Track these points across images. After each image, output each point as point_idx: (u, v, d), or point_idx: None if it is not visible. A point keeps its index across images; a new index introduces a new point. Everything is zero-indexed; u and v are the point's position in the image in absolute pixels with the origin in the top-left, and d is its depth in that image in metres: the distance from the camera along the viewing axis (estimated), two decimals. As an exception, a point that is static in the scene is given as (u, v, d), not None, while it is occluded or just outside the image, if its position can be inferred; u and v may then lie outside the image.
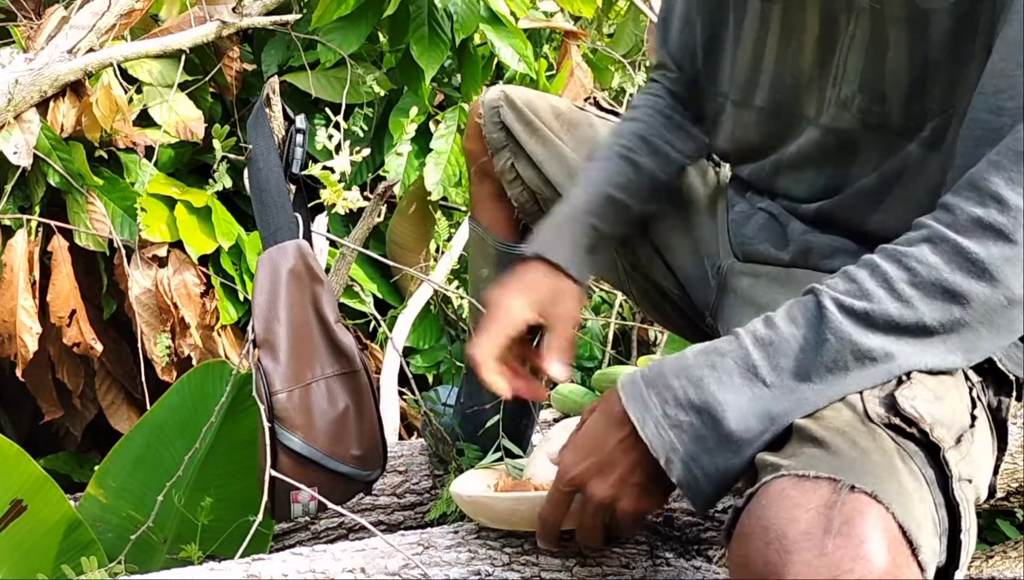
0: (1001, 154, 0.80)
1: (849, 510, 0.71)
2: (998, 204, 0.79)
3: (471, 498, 1.06)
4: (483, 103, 1.37)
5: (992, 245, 0.79)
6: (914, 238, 0.82)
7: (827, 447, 0.77)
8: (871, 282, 0.81)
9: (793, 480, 0.74)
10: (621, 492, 0.87)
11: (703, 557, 1.14)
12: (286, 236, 1.27)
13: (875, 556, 0.70)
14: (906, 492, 0.75)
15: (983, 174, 0.81)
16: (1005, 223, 0.79)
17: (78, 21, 1.89)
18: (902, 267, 0.81)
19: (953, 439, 0.83)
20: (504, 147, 1.36)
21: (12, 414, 2.20)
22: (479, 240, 1.44)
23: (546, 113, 1.37)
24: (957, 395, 0.87)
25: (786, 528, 0.72)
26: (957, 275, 0.79)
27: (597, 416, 0.90)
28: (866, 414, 0.80)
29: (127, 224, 1.91)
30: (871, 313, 0.80)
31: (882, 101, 0.97)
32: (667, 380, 0.84)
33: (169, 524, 1.31)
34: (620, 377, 0.88)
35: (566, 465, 0.89)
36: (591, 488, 0.88)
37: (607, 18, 2.78)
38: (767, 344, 0.82)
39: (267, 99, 1.29)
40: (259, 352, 1.22)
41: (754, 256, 1.14)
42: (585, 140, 1.35)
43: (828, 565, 0.69)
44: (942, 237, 0.80)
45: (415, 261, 2.18)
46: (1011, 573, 1.44)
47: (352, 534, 1.47)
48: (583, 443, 0.89)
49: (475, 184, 1.43)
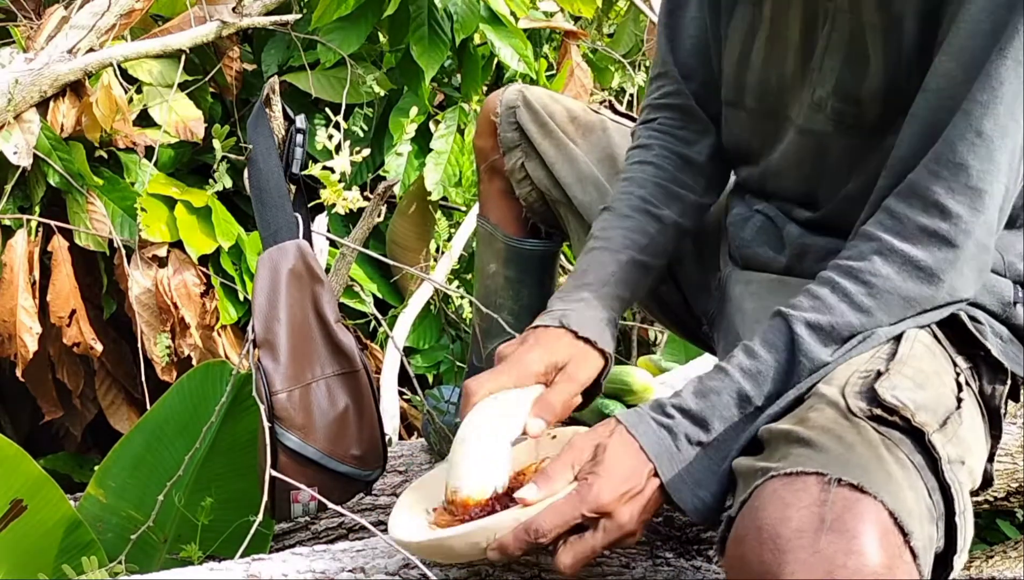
0: (941, 165, 0.88)
1: (840, 505, 0.72)
2: (940, 213, 0.88)
3: (420, 543, 0.92)
4: (501, 102, 1.37)
5: (937, 251, 0.88)
6: (865, 251, 0.91)
7: (813, 445, 0.78)
8: (832, 298, 0.90)
9: (783, 480, 0.76)
10: (640, 526, 0.89)
11: (703, 557, 1.14)
12: (286, 236, 1.27)
13: (867, 549, 0.71)
14: (895, 480, 0.76)
15: (926, 184, 0.89)
16: (948, 230, 0.88)
17: (78, 21, 1.89)
18: (859, 282, 0.90)
19: (938, 422, 0.84)
20: (516, 147, 1.36)
21: (12, 414, 2.20)
22: (487, 236, 1.45)
23: (561, 116, 1.37)
24: (939, 380, 0.89)
25: (779, 528, 0.72)
26: (909, 283, 0.89)
27: (616, 449, 0.89)
28: (848, 410, 0.82)
29: (127, 224, 1.91)
30: (835, 326, 0.89)
31: (856, 102, 0.98)
32: (675, 424, 0.89)
33: (169, 524, 1.31)
34: (620, 413, 0.92)
35: (599, 491, 0.87)
36: (619, 517, 0.87)
37: (607, 18, 2.78)
38: (755, 374, 0.90)
39: (267, 99, 1.29)
40: (259, 352, 1.22)
41: (751, 260, 1.14)
42: (598, 145, 1.35)
43: (822, 562, 0.70)
44: (891, 248, 0.89)
45: (415, 261, 2.18)
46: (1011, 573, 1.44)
47: (352, 534, 1.47)
48: (616, 473, 0.88)
49: (484, 181, 1.44)
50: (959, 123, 0.87)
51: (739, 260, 1.17)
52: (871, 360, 0.88)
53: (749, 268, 1.15)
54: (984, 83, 0.86)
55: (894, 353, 0.89)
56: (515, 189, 1.39)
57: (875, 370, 0.86)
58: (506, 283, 1.44)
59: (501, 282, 1.44)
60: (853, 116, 0.98)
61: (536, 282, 1.44)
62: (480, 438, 0.96)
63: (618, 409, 1.42)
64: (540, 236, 1.43)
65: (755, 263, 1.14)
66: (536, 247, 1.43)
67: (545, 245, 1.44)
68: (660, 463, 0.88)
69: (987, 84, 0.86)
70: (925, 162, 0.89)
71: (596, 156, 1.34)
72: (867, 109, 0.97)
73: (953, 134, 0.88)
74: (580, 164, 1.33)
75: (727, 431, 0.89)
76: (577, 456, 0.90)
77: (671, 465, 0.88)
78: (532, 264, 1.44)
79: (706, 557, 1.14)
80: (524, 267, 1.43)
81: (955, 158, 0.87)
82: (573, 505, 0.87)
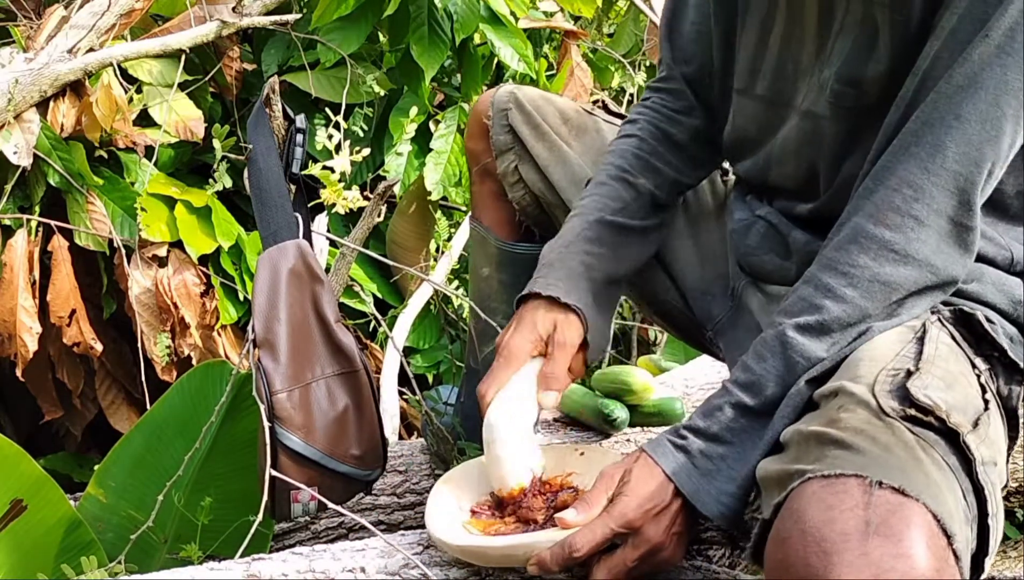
0: (919, 145, 0.89)
1: (883, 509, 0.72)
2: (913, 192, 0.89)
3: (464, 547, 0.99)
4: (493, 104, 1.37)
5: (910, 232, 0.89)
6: (843, 241, 0.93)
7: (850, 447, 0.78)
8: (817, 296, 0.92)
9: (822, 483, 0.75)
10: (669, 539, 0.94)
11: (703, 557, 1.14)
12: (286, 236, 1.27)
13: (916, 553, 0.71)
14: (934, 483, 0.76)
15: (902, 164, 0.89)
16: (919, 210, 0.89)
17: (78, 21, 1.89)
18: (838, 274, 0.92)
19: (970, 423, 0.84)
20: (509, 149, 1.35)
21: (12, 414, 2.20)
22: (480, 239, 1.44)
23: (554, 117, 1.36)
24: (966, 381, 0.89)
25: (824, 530, 0.72)
26: (886, 267, 0.90)
27: (640, 472, 0.94)
28: (880, 410, 0.81)
29: (127, 224, 1.91)
30: (824, 322, 0.91)
31: (858, 85, 0.98)
32: (689, 444, 0.94)
33: (169, 524, 1.31)
34: (645, 444, 0.98)
35: (625, 508, 0.92)
36: (646, 531, 0.92)
37: (607, 18, 2.78)
38: (750, 385, 0.93)
39: (267, 99, 1.29)
40: (259, 352, 1.22)
41: (758, 268, 1.14)
42: (592, 146, 1.35)
43: (870, 565, 0.70)
44: (865, 233, 0.91)
45: (415, 261, 2.18)
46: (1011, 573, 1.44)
47: (352, 534, 1.47)
48: (641, 492, 0.93)
49: (476, 184, 1.43)
50: (939, 104, 0.88)
51: (746, 267, 1.17)
52: (898, 358, 0.88)
53: (756, 275, 1.15)
54: (965, 66, 0.87)
55: (920, 352, 0.89)
56: (508, 192, 1.38)
57: (905, 369, 0.86)
58: (500, 287, 1.43)
59: (495, 286, 1.43)
60: (852, 98, 0.99)
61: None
62: (504, 437, 1.04)
63: (617, 409, 1.42)
64: (534, 239, 1.41)
65: (763, 271, 1.14)
66: (529, 251, 1.40)
67: (538, 248, 1.42)
68: (679, 480, 0.93)
69: (968, 67, 0.87)
70: (902, 143, 0.90)
71: (590, 158, 1.33)
72: (867, 92, 0.97)
73: (932, 116, 0.88)
74: (574, 166, 1.33)
75: (741, 440, 0.92)
76: (609, 483, 0.95)
77: (691, 480, 0.93)
78: (526, 268, 1.42)
79: (706, 557, 1.14)
80: (517, 271, 1.41)
81: (933, 139, 0.88)
82: (603, 522, 0.92)
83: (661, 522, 0.92)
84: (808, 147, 1.05)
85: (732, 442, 0.92)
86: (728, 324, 1.20)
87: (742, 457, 0.92)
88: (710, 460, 0.93)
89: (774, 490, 0.81)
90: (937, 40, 0.89)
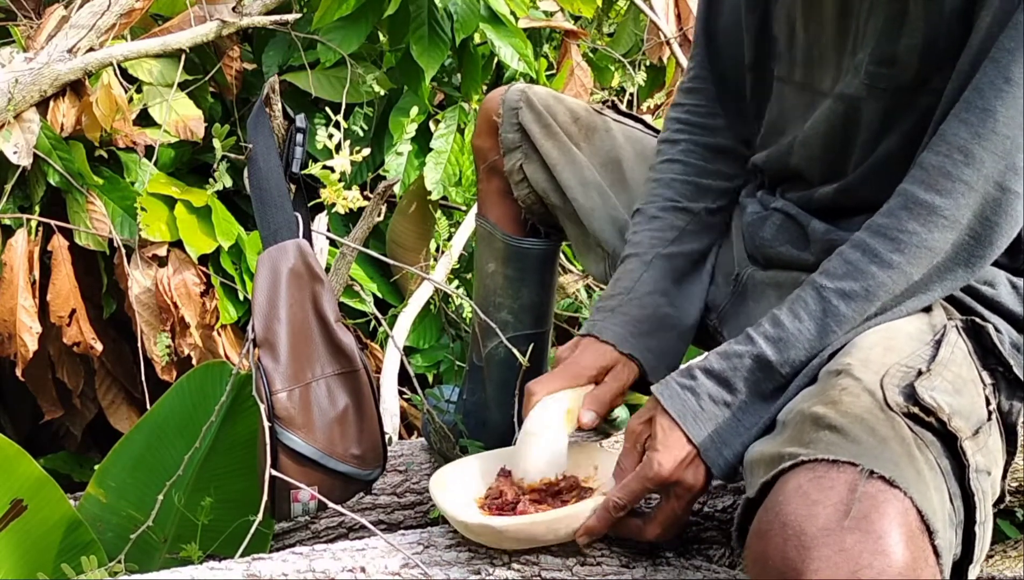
0: (969, 111, 0.89)
1: (867, 503, 0.72)
2: (964, 157, 0.89)
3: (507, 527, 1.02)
4: (503, 102, 1.37)
5: (960, 197, 0.89)
6: (894, 206, 0.93)
7: (845, 434, 0.78)
8: (864, 261, 0.92)
9: (809, 475, 0.75)
10: (707, 482, 0.97)
11: (703, 557, 1.14)
12: (286, 235, 1.27)
13: (893, 550, 0.71)
14: (924, 480, 0.77)
15: (953, 130, 0.90)
16: (970, 176, 0.89)
17: (78, 20, 1.89)
18: (887, 239, 0.92)
19: (971, 430, 0.84)
20: (517, 148, 1.36)
21: (12, 414, 2.19)
22: (487, 235, 1.44)
23: (564, 117, 1.36)
24: (975, 389, 0.90)
25: (804, 524, 0.72)
26: (935, 233, 0.90)
27: (662, 422, 0.97)
28: (885, 402, 0.82)
29: (127, 224, 1.91)
30: (869, 289, 0.92)
31: (892, 64, 0.97)
32: (698, 385, 0.96)
33: (169, 524, 1.31)
34: (654, 387, 1.01)
35: (659, 467, 0.95)
36: (685, 480, 0.95)
37: (607, 18, 2.78)
38: (777, 341, 0.94)
39: (267, 98, 1.29)
40: (259, 352, 1.22)
41: (774, 259, 1.14)
42: (601, 147, 1.35)
43: (847, 561, 0.70)
44: (916, 200, 0.91)
45: (415, 260, 2.18)
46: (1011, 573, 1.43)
47: (352, 533, 1.47)
48: (669, 444, 0.96)
49: (483, 181, 1.44)
50: (988, 69, 0.88)
51: (760, 260, 1.16)
52: (912, 356, 0.89)
53: (772, 267, 1.15)
54: (1013, 31, 0.87)
55: (935, 355, 0.89)
56: (513, 190, 1.38)
57: (916, 368, 0.87)
58: (505, 282, 1.44)
59: (500, 281, 1.44)
60: (887, 78, 0.98)
61: (535, 281, 1.44)
62: (543, 432, 1.09)
63: (617, 408, 1.42)
64: (539, 235, 1.43)
65: (779, 262, 1.13)
66: (535, 246, 1.43)
67: (544, 244, 1.43)
68: (685, 423, 0.94)
69: (1016, 32, 0.87)
70: (955, 111, 0.90)
71: (599, 160, 1.34)
72: (903, 70, 0.97)
73: (982, 81, 0.89)
74: (583, 168, 1.33)
75: (752, 395, 0.94)
76: (638, 437, 1.00)
77: (696, 424, 0.94)
78: (531, 263, 1.44)
79: (706, 557, 1.14)
80: (523, 266, 1.43)
81: (983, 104, 0.88)
82: (640, 481, 0.97)
83: (698, 470, 0.95)
84: (841, 129, 1.04)
85: (745, 395, 0.94)
86: (730, 310, 1.20)
87: (752, 413, 0.93)
88: (716, 404, 0.95)
89: (761, 469, 0.82)
90: (986, 11, 0.89)
